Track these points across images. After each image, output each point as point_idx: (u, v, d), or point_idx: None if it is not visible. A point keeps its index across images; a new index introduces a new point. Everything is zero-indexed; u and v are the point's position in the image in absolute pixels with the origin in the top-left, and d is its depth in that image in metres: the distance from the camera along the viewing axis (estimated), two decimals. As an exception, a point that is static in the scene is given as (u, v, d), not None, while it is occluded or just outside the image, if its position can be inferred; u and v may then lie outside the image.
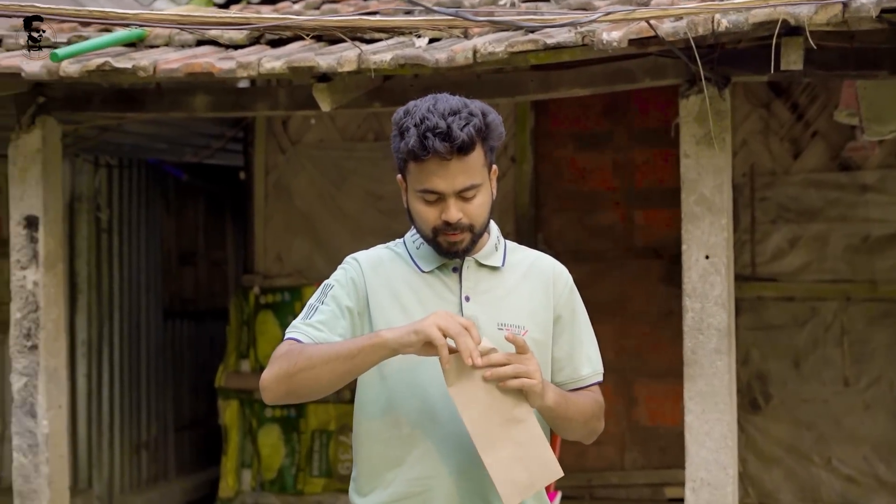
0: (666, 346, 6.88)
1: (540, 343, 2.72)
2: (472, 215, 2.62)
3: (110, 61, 4.70)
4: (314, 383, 2.56)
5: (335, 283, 2.73)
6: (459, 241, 2.63)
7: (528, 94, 4.99)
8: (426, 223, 2.64)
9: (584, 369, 2.80)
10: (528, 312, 2.72)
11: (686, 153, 4.76)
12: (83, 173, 7.58)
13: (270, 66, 4.54)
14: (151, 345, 8.28)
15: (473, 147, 2.56)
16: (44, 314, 5.44)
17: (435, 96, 2.61)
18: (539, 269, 2.79)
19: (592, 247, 7.08)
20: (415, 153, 2.54)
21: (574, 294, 2.82)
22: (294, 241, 7.48)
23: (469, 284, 2.71)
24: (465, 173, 2.56)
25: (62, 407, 5.54)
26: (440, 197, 2.59)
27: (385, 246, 2.83)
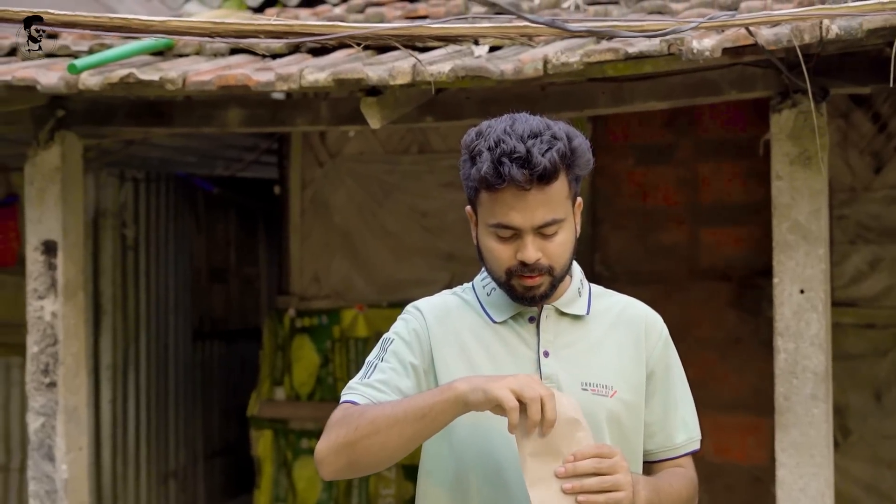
0: (734, 376, 6.39)
1: (631, 406, 2.41)
2: (553, 255, 2.29)
3: (135, 73, 4.23)
4: (380, 450, 2.22)
5: (395, 337, 2.41)
6: (537, 286, 2.31)
7: (599, 107, 4.48)
8: (499, 263, 2.31)
9: (679, 436, 2.48)
10: (617, 369, 2.40)
11: (778, 174, 4.24)
12: (108, 188, 7.13)
13: (313, 78, 4.06)
14: (180, 367, 7.83)
15: (556, 176, 2.23)
16: (63, 348, 4.97)
17: (512, 116, 2.29)
18: (629, 318, 2.45)
19: (654, 268, 6.57)
20: (488, 181, 2.21)
21: (669, 347, 2.49)
22: (332, 261, 6.99)
23: (548, 337, 2.38)
24: (545, 206, 2.24)
25: (83, 449, 5.07)
26: (516, 233, 2.26)
27: (451, 292, 2.51)
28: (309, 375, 6.97)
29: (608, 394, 2.37)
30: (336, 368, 6.93)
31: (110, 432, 7.19)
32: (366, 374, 2.37)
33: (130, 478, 7.36)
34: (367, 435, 2.20)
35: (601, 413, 2.37)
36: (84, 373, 5.12)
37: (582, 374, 2.37)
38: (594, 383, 2.37)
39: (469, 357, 2.37)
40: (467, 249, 6.84)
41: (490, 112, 4.69)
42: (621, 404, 2.38)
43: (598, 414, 2.36)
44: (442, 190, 6.78)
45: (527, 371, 2.36)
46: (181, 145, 6.72)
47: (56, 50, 4.83)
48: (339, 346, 6.92)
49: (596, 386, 2.37)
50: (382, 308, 6.83)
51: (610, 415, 2.38)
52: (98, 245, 7.17)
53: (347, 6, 5.58)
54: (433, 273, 6.76)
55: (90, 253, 7.11)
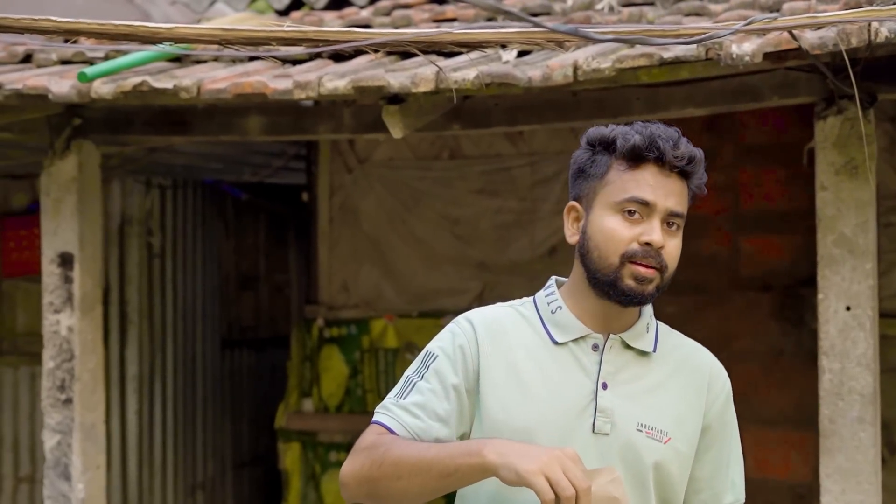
0: (776, 389, 6.16)
1: (682, 456, 2.26)
2: (669, 254, 2.19)
3: (148, 80, 4.07)
4: (401, 496, 2.13)
5: (439, 353, 2.25)
6: (649, 280, 2.17)
7: (634, 114, 4.26)
8: (617, 245, 2.17)
9: (726, 498, 2.34)
10: (675, 417, 2.26)
11: (823, 185, 4.01)
12: (134, 195, 6.99)
13: (333, 85, 3.89)
14: (208, 376, 7.68)
15: (693, 173, 2.22)
16: (79, 363, 4.82)
17: (636, 123, 2.25)
18: (694, 365, 2.32)
19: (692, 278, 6.33)
20: (635, 151, 2.16)
21: (729, 403, 2.35)
22: (361, 269, 6.81)
23: (609, 369, 2.24)
24: (678, 197, 2.19)
25: (100, 468, 4.93)
26: (646, 212, 2.16)
27: (509, 305, 2.33)
28: (338, 386, 6.80)
29: (662, 439, 2.24)
30: (365, 380, 6.75)
31: (136, 443, 7.06)
32: (402, 392, 2.23)
33: (157, 489, 7.22)
34: (388, 476, 2.10)
35: (650, 458, 2.23)
36: (101, 389, 4.98)
37: (639, 413, 2.24)
38: (650, 426, 2.24)
39: (520, 380, 2.22)
40: (500, 258, 6.68)
41: (519, 120, 4.53)
42: (673, 453, 2.25)
43: (646, 458, 2.23)
44: (474, 197, 6.59)
45: (582, 401, 2.22)
46: (206, 152, 6.57)
47: (71, 57, 4.68)
48: (369, 356, 6.74)
49: (651, 429, 2.24)
50: (412, 318, 6.66)
51: (660, 461, 2.24)
52: (124, 253, 7.03)
53: (374, 8, 5.40)
54: (464, 282, 6.57)
55: (116, 261, 6.99)
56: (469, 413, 2.23)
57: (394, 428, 2.18)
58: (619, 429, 2.21)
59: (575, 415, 2.22)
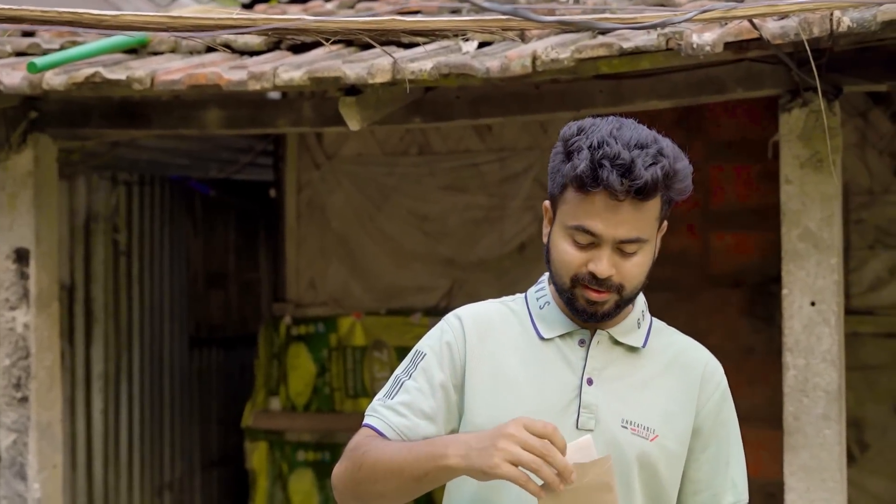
0: (747, 387, 6.08)
1: (672, 455, 2.21)
2: (627, 275, 2.12)
3: (101, 72, 3.99)
4: (380, 498, 2.15)
5: (428, 351, 2.25)
6: (602, 302, 2.14)
7: (597, 107, 4.20)
8: (567, 268, 2.14)
9: (727, 497, 2.27)
10: (664, 414, 2.21)
11: (788, 178, 3.96)
12: (99, 191, 6.89)
13: (288, 76, 3.81)
14: (175, 375, 7.59)
15: (654, 194, 2.08)
16: (35, 361, 4.73)
17: (619, 119, 2.14)
18: (687, 363, 2.26)
19: (663, 275, 6.16)
20: (582, 181, 2.06)
21: (725, 401, 2.28)
22: (329, 267, 6.73)
23: (596, 364, 2.21)
24: (633, 222, 2.09)
25: (57, 467, 4.84)
26: (595, 242, 2.10)
27: (500, 301, 2.32)
28: (305, 385, 6.72)
29: (648, 437, 2.19)
30: (333, 378, 6.68)
31: (102, 443, 6.96)
32: (390, 392, 2.23)
33: (123, 489, 7.13)
34: (367, 480, 2.12)
35: (633, 454, 2.18)
36: (58, 387, 4.89)
37: (625, 410, 2.19)
38: (636, 423, 2.19)
39: (505, 376, 2.20)
40: (469, 255, 6.60)
41: (481, 112, 4.46)
42: (661, 451, 2.20)
43: (630, 454, 2.18)
44: (442, 193, 6.52)
45: (566, 397, 2.18)
46: (171, 147, 6.47)
47: (27, 48, 4.59)
48: (337, 354, 6.67)
49: (637, 426, 2.19)
50: (381, 316, 6.58)
51: (645, 458, 2.19)
52: (90, 251, 6.93)
53: (339, 1, 5.33)
54: (433, 280, 6.50)
55: (82, 259, 6.89)
56: (457, 409, 2.21)
57: (381, 429, 2.17)
58: (604, 425, 2.17)
59: (559, 410, 2.17)
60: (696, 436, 2.23)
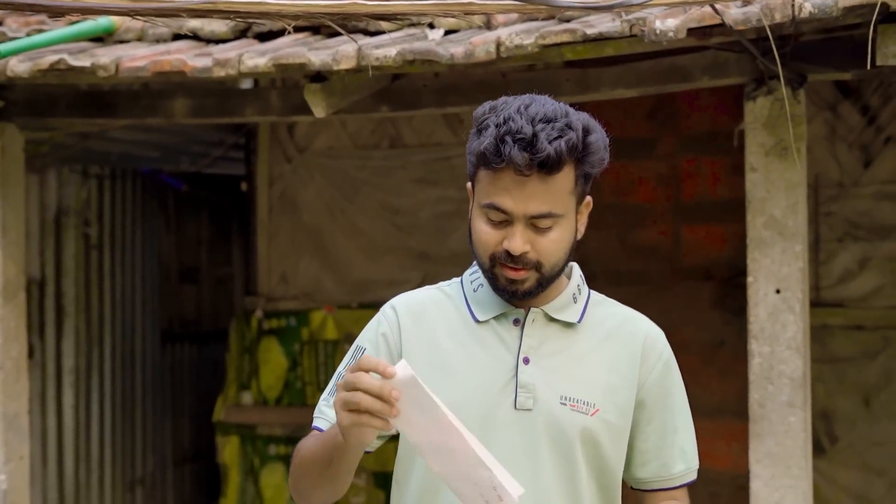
0: (717, 380, 6.12)
1: (614, 428, 2.21)
2: (543, 251, 2.12)
3: (66, 59, 3.97)
4: (313, 491, 2.18)
5: (366, 345, 2.27)
6: (521, 280, 2.13)
7: (563, 95, 4.19)
8: (485, 247, 2.14)
9: (677, 465, 2.29)
10: (604, 387, 2.21)
11: (752, 166, 3.97)
12: (70, 185, 6.85)
13: (253, 63, 3.80)
14: (147, 370, 7.55)
15: (560, 167, 2.07)
16: (2, 352, 4.70)
17: (532, 96, 2.16)
18: (627, 334, 2.26)
19: (634, 267, 6.30)
20: (486, 158, 2.07)
21: (669, 371, 2.30)
22: (301, 260, 6.72)
23: (531, 343, 2.20)
24: (543, 197, 2.08)
25: (24, 458, 4.81)
26: (507, 219, 2.10)
27: (436, 287, 2.33)
28: (277, 379, 6.71)
29: (588, 411, 2.19)
30: (305, 372, 6.66)
31: (73, 438, 6.93)
32: (332, 389, 2.23)
33: (94, 485, 7.09)
34: (300, 475, 2.18)
35: (575, 430, 2.18)
36: (25, 378, 4.85)
37: (563, 386, 2.19)
38: (575, 398, 2.19)
39: (441, 361, 2.20)
40: (441, 248, 6.60)
41: (449, 101, 4.45)
42: (602, 425, 2.20)
43: (570, 431, 2.18)
44: (414, 186, 6.51)
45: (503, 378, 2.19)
46: (142, 139, 6.45)
47: (-7, 37, 4.56)
48: (308, 348, 6.65)
49: (576, 402, 2.19)
50: (352, 309, 6.57)
51: (586, 434, 2.19)
52: (60, 244, 6.89)
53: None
54: (405, 273, 6.49)
55: (52, 253, 6.85)
56: None
57: (323, 427, 2.19)
58: (542, 403, 2.17)
59: (496, 392, 2.18)
60: (641, 407, 2.24)
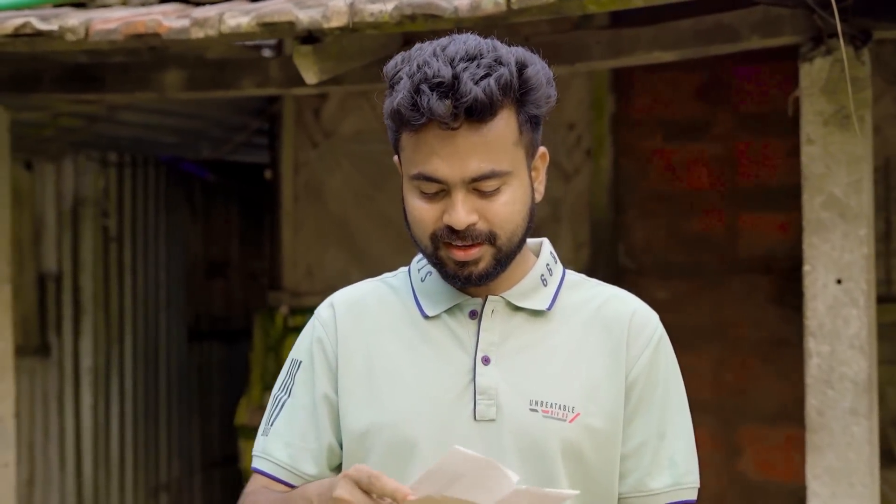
0: (777, 382, 5.61)
1: (600, 435, 1.77)
2: (494, 219, 1.72)
3: (32, 22, 3.55)
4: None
5: (302, 357, 1.88)
6: (473, 261, 1.73)
7: (593, 59, 3.73)
8: (422, 227, 1.75)
9: (661, 479, 1.80)
10: (585, 387, 1.78)
11: (809, 138, 3.45)
12: (87, 173, 6.51)
13: (235, 22, 3.37)
14: (173, 370, 7.19)
15: (494, 111, 1.67)
16: (-17, 349, 4.32)
17: (452, 36, 1.75)
18: (609, 317, 1.83)
19: (686, 259, 5.81)
20: (401, 116, 1.68)
21: (661, 356, 1.83)
22: (327, 252, 6.29)
23: (491, 338, 1.79)
24: (481, 153, 1.69)
25: (8, 465, 4.44)
26: (443, 188, 1.71)
27: (379, 278, 1.95)
28: (301, 379, 6.28)
29: (567, 417, 1.76)
30: (332, 372, 6.23)
31: (91, 442, 6.59)
32: (270, 417, 1.87)
33: (115, 490, 6.75)
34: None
35: (554, 443, 1.74)
36: (11, 378, 4.48)
37: (532, 389, 1.77)
38: (548, 402, 1.76)
39: (384, 369, 1.81)
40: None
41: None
42: (585, 432, 1.77)
43: (549, 443, 1.74)
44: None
45: (459, 384, 1.77)
46: (156, 123, 6.05)
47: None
48: (336, 347, 6.22)
49: (550, 406, 1.76)
50: (382, 305, 6.12)
51: (567, 446, 1.75)
52: (78, 236, 6.56)
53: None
54: (437, 265, 6.04)
55: (69, 246, 6.53)
56: None
57: (268, 471, 1.84)
58: (507, 411, 1.76)
59: (450, 401, 1.77)
60: (626, 403, 1.79)
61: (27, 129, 5.45)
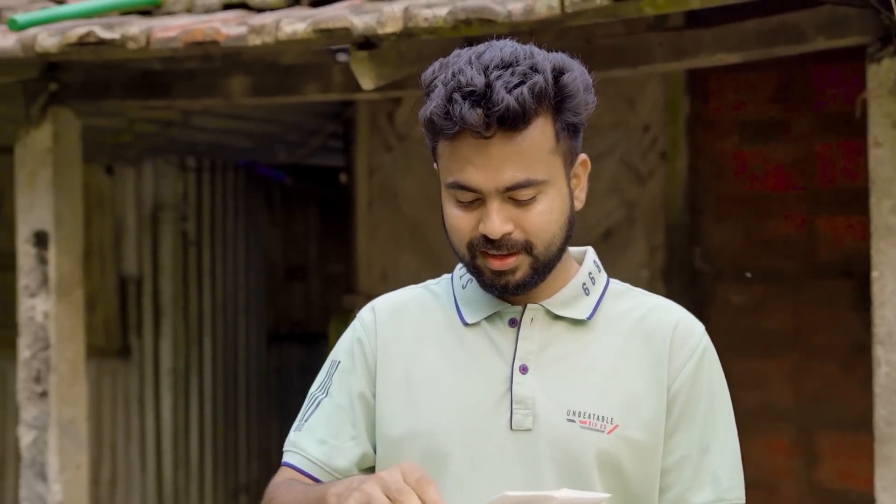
0: (859, 389, 5.42)
1: (639, 448, 1.75)
2: (531, 229, 1.72)
3: (96, 31, 3.60)
4: None
5: (342, 357, 1.89)
6: (510, 270, 1.73)
7: (656, 62, 3.68)
8: (459, 236, 1.75)
9: (702, 493, 1.76)
10: (625, 398, 1.76)
11: (877, 140, 3.37)
12: (167, 178, 6.60)
13: (291, 29, 3.38)
14: (252, 372, 7.25)
15: (527, 119, 1.66)
16: (55, 353, 4.38)
17: (490, 42, 1.74)
18: (652, 327, 1.80)
19: (764, 264, 5.69)
20: (435, 125, 1.68)
21: (704, 368, 1.79)
22: (402, 255, 6.28)
23: (530, 347, 1.77)
24: (516, 161, 1.68)
25: (81, 467, 4.48)
26: (478, 197, 1.71)
27: (422, 285, 1.94)
28: (377, 385, 6.29)
29: (605, 428, 1.74)
30: (406, 376, 6.23)
31: (171, 443, 6.68)
32: (305, 414, 1.89)
33: (194, 491, 6.83)
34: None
35: (590, 454, 1.72)
36: (83, 381, 4.53)
37: (570, 399, 1.75)
38: (586, 413, 1.74)
39: (422, 376, 1.81)
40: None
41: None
42: (624, 444, 1.74)
43: (585, 454, 1.71)
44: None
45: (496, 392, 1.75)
46: (231, 128, 6.11)
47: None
48: (411, 350, 6.22)
49: (588, 417, 1.74)
50: (456, 309, 6.10)
51: (604, 458, 1.72)
52: (157, 240, 6.66)
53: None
54: (511, 269, 6.00)
55: (149, 249, 6.62)
56: None
57: (299, 465, 1.84)
58: (544, 421, 1.73)
59: (486, 410, 1.75)
60: (668, 416, 1.76)
61: (105, 135, 5.54)
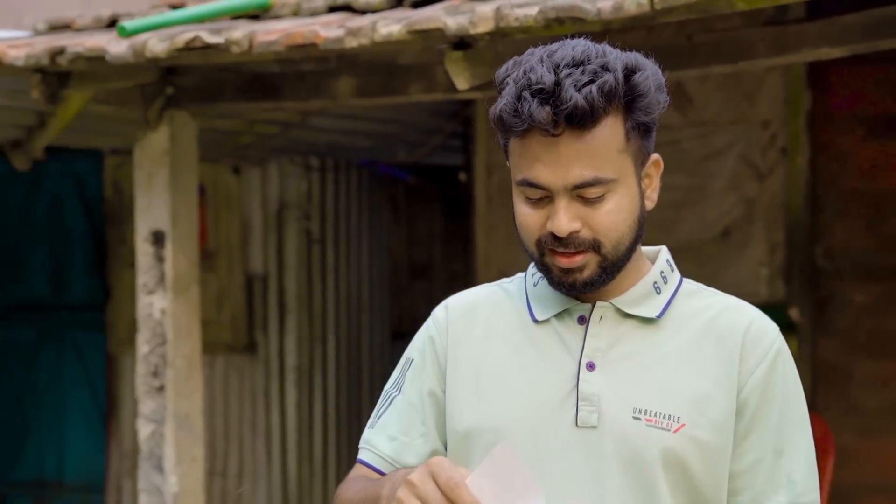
0: None
1: (707, 448, 1.74)
2: (599, 227, 1.74)
3: (201, 36, 3.70)
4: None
5: (415, 355, 1.94)
6: (578, 268, 1.75)
7: (758, 57, 3.61)
8: (528, 233, 1.80)
9: (776, 497, 1.75)
10: (694, 397, 1.75)
11: None
12: (291, 177, 6.72)
13: (387, 30, 3.42)
14: (376, 370, 7.33)
15: (596, 118, 1.68)
16: (172, 348, 4.52)
17: (564, 41, 1.75)
18: (723, 328, 1.79)
19: (887, 262, 5.54)
20: (504, 122, 1.71)
21: (778, 371, 1.78)
22: (519, 255, 6.24)
23: (598, 344, 1.78)
24: (585, 160, 1.70)
25: (197, 460, 4.61)
26: (547, 195, 1.73)
27: (496, 283, 1.99)
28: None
29: (671, 427, 1.73)
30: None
31: (296, 438, 6.79)
32: (379, 411, 1.95)
33: (317, 486, 6.93)
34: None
35: (654, 451, 1.72)
36: (199, 376, 4.65)
37: (637, 397, 1.75)
38: (652, 411, 1.74)
39: (492, 371, 1.83)
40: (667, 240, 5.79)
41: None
42: (691, 444, 1.73)
43: (648, 452, 1.72)
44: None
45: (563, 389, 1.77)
46: (349, 128, 6.20)
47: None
48: (528, 350, 6.21)
49: (654, 415, 1.74)
50: (573, 308, 6.08)
51: (669, 456, 1.72)
52: (282, 239, 6.78)
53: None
54: (632, 268, 5.95)
55: (274, 248, 6.76)
56: None
57: (370, 462, 1.89)
58: (609, 418, 1.74)
59: (553, 406, 1.77)
60: (739, 418, 1.76)
61: (227, 136, 5.68)
